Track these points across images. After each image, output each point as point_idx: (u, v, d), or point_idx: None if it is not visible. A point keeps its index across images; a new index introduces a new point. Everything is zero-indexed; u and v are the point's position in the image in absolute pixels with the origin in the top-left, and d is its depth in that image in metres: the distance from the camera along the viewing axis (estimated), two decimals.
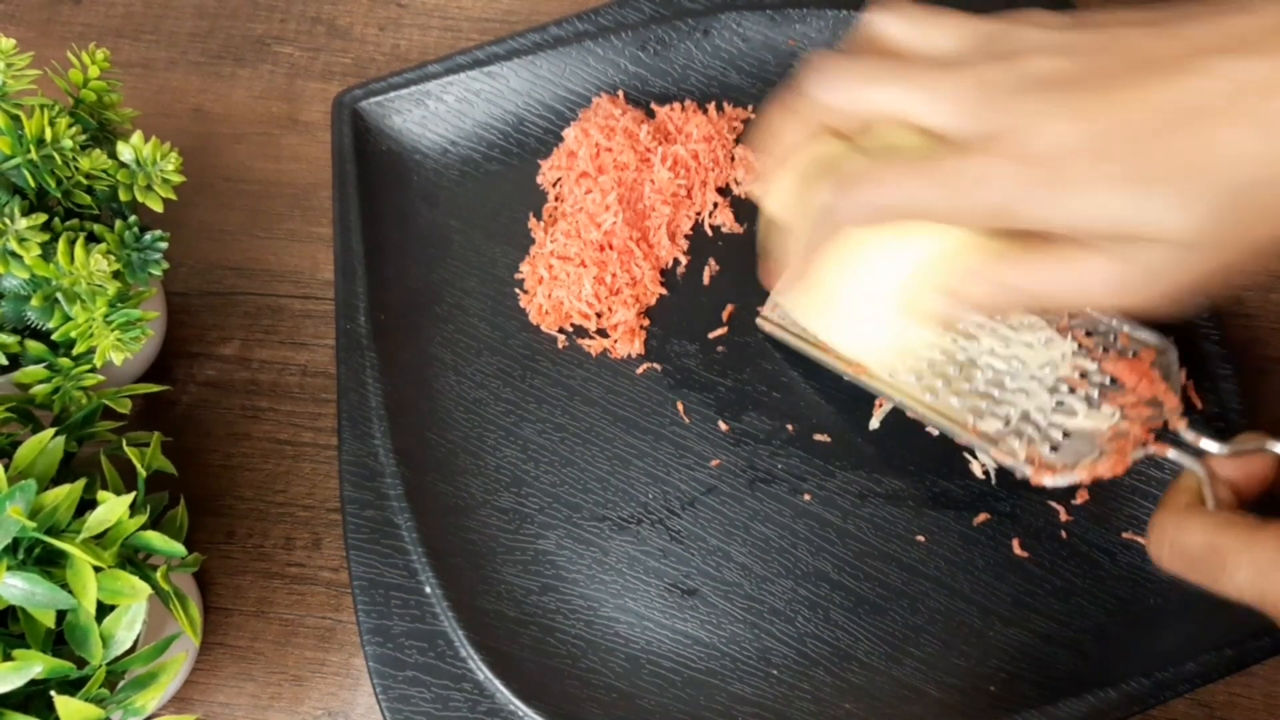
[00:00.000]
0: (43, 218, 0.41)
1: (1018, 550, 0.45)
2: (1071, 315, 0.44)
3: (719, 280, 0.51)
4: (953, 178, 0.31)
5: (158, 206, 0.44)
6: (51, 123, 0.41)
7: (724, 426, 0.48)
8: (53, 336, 0.41)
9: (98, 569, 0.35)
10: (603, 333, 0.51)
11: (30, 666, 0.34)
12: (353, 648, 0.47)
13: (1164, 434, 0.40)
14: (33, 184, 0.42)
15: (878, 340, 0.39)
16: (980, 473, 0.46)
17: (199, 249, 0.56)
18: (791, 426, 0.48)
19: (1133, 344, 0.43)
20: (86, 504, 0.37)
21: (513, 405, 0.49)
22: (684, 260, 0.52)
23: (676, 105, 0.54)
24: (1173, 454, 0.39)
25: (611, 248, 0.51)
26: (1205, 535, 0.34)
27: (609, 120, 0.53)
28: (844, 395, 0.48)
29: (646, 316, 0.51)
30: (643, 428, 0.48)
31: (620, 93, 0.55)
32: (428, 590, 0.44)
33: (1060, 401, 0.42)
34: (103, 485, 0.39)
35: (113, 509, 0.36)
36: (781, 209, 0.38)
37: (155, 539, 0.38)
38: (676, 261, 0.52)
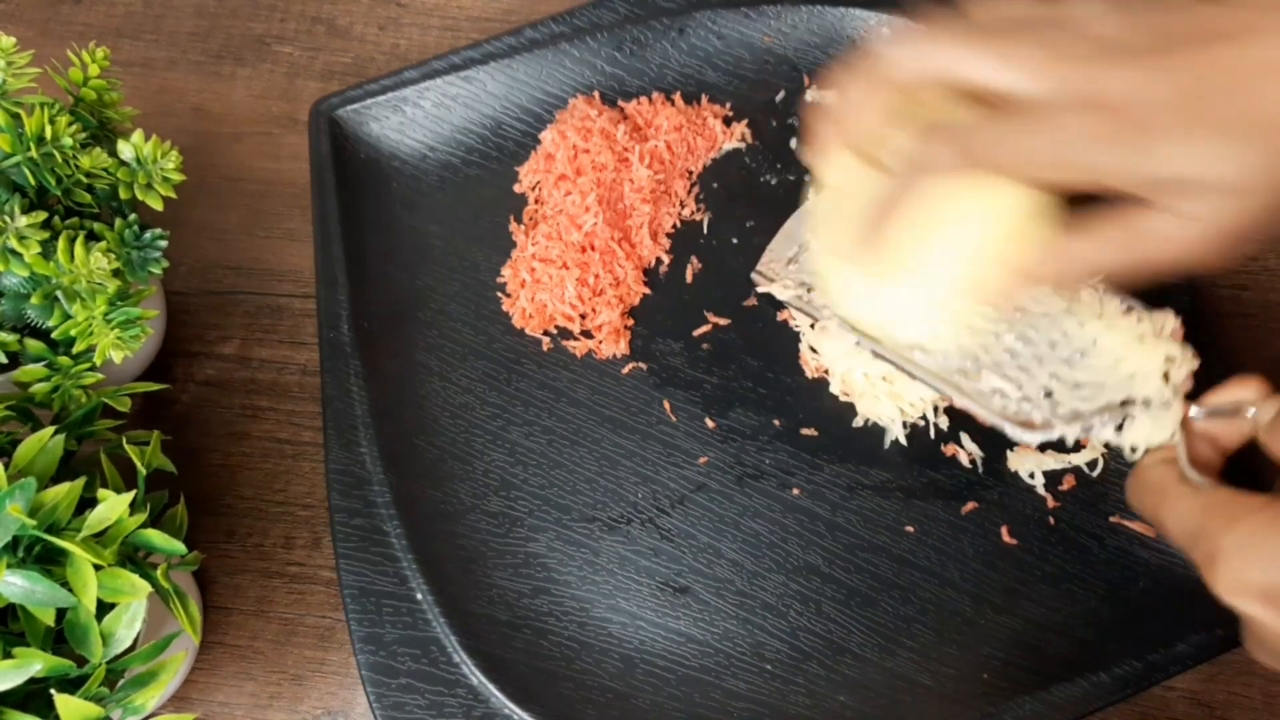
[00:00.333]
0: (43, 216, 0.41)
1: (1007, 538, 0.45)
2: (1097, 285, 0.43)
3: (702, 278, 0.52)
4: (1046, 127, 0.32)
5: (157, 205, 0.44)
6: (51, 121, 0.41)
7: (711, 424, 0.48)
8: (52, 335, 0.41)
9: (98, 567, 0.35)
10: (587, 334, 0.51)
11: (30, 664, 0.34)
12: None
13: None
14: (33, 182, 0.42)
15: (933, 318, 0.40)
16: (967, 462, 0.47)
17: (199, 248, 0.56)
18: (778, 421, 0.48)
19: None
20: (86, 502, 0.37)
21: (499, 409, 0.49)
22: (666, 259, 0.52)
23: (644, 99, 0.54)
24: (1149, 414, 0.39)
25: (593, 249, 0.51)
26: (1190, 518, 0.35)
27: (585, 121, 0.53)
28: (830, 389, 0.48)
29: (630, 316, 0.51)
30: (630, 427, 0.48)
31: (597, 93, 0.55)
32: (419, 597, 0.44)
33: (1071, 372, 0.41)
34: (102, 483, 0.39)
35: (113, 507, 0.36)
36: (842, 178, 0.39)
37: (155, 537, 0.38)
38: (659, 260, 0.52)
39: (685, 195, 0.53)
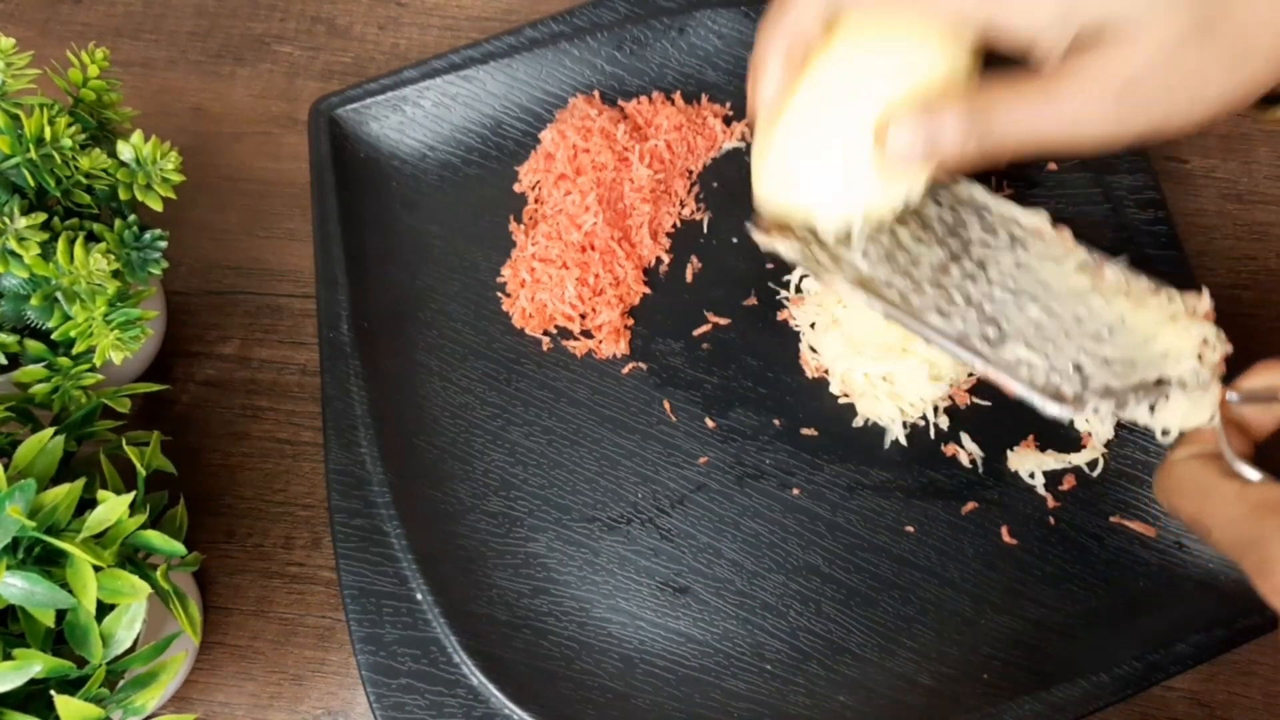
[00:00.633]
0: (42, 217, 0.41)
1: (1007, 538, 0.45)
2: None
3: (702, 277, 0.52)
4: None
5: (157, 206, 0.43)
6: (51, 122, 0.41)
7: (711, 424, 0.48)
8: (52, 336, 0.41)
9: (97, 568, 0.35)
10: (587, 334, 0.50)
11: (30, 666, 0.34)
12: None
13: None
14: (32, 183, 0.42)
15: (850, 191, 0.38)
16: (967, 462, 0.47)
17: (198, 248, 0.56)
18: (778, 421, 0.48)
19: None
20: (86, 503, 0.37)
21: (499, 409, 0.49)
22: (666, 259, 0.52)
23: (644, 99, 0.54)
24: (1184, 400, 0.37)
25: (593, 248, 0.51)
26: (1241, 519, 0.32)
27: (585, 121, 0.53)
28: (830, 389, 0.48)
29: (630, 316, 0.51)
30: (630, 427, 0.48)
31: (597, 93, 0.55)
32: (419, 597, 0.44)
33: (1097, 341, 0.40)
34: (102, 484, 0.39)
35: (112, 508, 0.36)
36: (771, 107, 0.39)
37: (155, 538, 0.38)
38: (659, 260, 0.52)
39: (685, 195, 0.53)
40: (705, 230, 0.52)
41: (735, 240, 0.52)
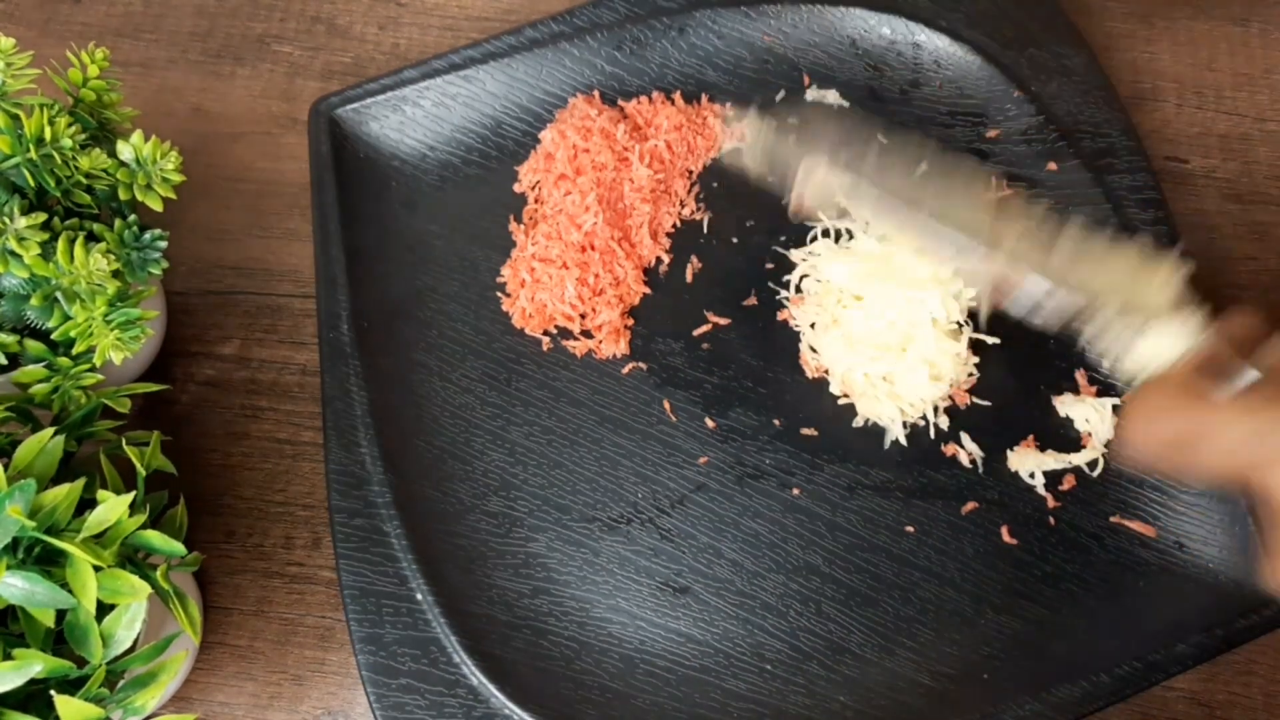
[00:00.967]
0: (42, 217, 0.41)
1: (1006, 538, 0.45)
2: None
3: (702, 277, 0.52)
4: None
5: (157, 206, 0.43)
6: (51, 122, 0.41)
7: (711, 423, 0.48)
8: (52, 336, 0.41)
9: (97, 568, 0.35)
10: (587, 334, 0.50)
11: (30, 666, 0.34)
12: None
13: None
14: (32, 183, 0.42)
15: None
16: (967, 462, 0.47)
17: (198, 248, 0.56)
18: (778, 421, 0.48)
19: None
20: (86, 503, 0.37)
21: (499, 409, 0.49)
22: (666, 259, 0.52)
23: (644, 99, 0.54)
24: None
25: (593, 248, 0.51)
26: (1186, 416, 0.31)
27: (585, 121, 0.53)
28: (830, 389, 0.48)
29: (630, 316, 0.51)
30: (630, 427, 0.48)
31: (597, 93, 0.55)
32: (419, 597, 0.44)
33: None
34: (102, 484, 0.39)
35: (112, 508, 0.36)
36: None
37: (155, 538, 0.38)
38: (659, 260, 0.52)
39: (685, 195, 0.53)
40: (705, 230, 0.53)
41: (735, 240, 0.52)
